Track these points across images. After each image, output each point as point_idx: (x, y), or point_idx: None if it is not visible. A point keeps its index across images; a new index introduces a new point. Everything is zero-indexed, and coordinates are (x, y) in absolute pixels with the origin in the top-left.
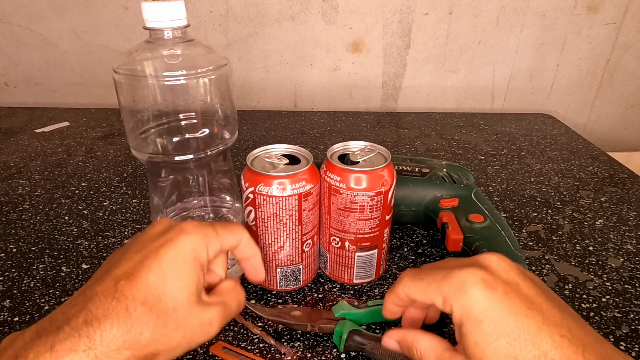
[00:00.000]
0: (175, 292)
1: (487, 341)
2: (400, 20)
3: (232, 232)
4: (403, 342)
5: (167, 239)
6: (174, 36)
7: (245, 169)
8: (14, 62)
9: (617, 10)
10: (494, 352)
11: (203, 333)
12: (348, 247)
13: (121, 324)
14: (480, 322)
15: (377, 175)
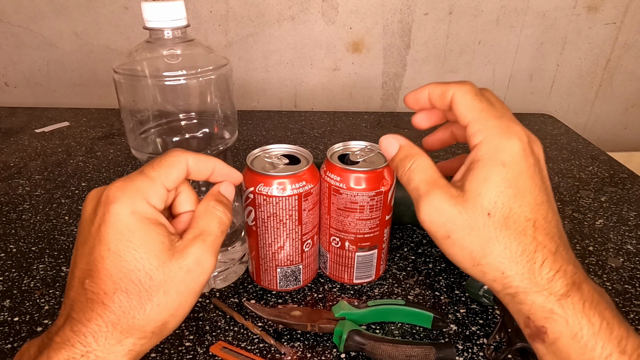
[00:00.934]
0: (142, 263)
1: (497, 183)
2: (400, 20)
3: (168, 161)
4: (405, 148)
5: (101, 218)
6: (174, 36)
7: (245, 169)
8: (14, 62)
9: (617, 10)
10: (497, 194)
11: (198, 275)
12: (348, 247)
13: (106, 320)
14: (502, 166)
15: (377, 175)
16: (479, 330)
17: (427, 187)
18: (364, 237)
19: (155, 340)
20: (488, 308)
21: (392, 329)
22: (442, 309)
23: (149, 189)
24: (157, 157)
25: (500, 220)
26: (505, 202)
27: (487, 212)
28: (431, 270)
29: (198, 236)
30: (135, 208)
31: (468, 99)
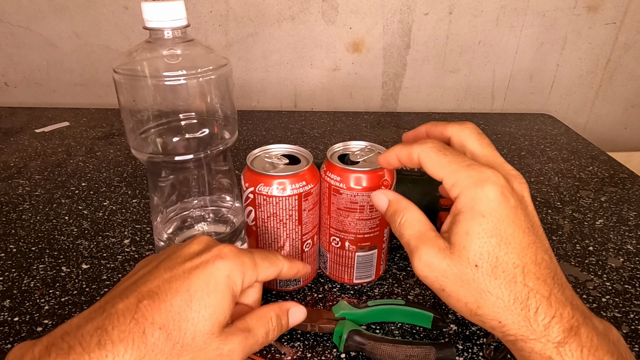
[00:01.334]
0: (199, 321)
1: (479, 234)
2: (400, 20)
3: (271, 264)
4: (394, 203)
5: (202, 262)
6: (174, 36)
7: (245, 169)
8: (14, 62)
9: (617, 10)
10: (480, 245)
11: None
12: (348, 247)
13: (135, 349)
14: (481, 217)
15: (377, 175)
16: (479, 330)
17: (416, 242)
18: (364, 237)
19: None
20: None
21: (392, 329)
22: (442, 309)
23: (250, 270)
24: (267, 252)
25: (488, 270)
26: (491, 251)
27: (474, 264)
28: None
29: (244, 332)
30: (232, 275)
31: (432, 157)
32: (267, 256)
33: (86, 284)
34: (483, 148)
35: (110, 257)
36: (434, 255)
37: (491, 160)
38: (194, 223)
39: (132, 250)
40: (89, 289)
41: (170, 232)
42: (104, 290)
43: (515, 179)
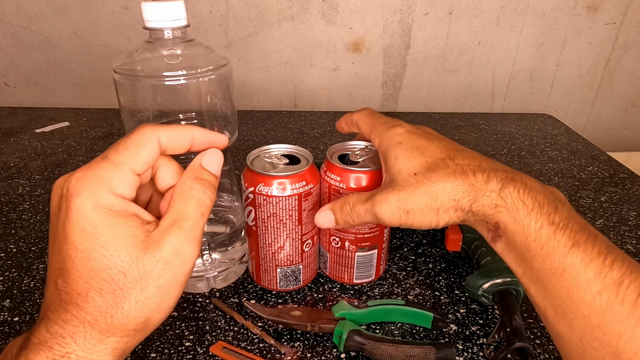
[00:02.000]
0: (112, 261)
1: (404, 153)
2: (400, 20)
3: (141, 142)
4: (335, 206)
5: (64, 214)
6: (174, 36)
7: (245, 169)
8: (14, 62)
9: (617, 10)
10: (409, 158)
11: (178, 266)
12: (348, 247)
13: (83, 320)
14: (398, 144)
15: (377, 175)
16: (479, 330)
17: (371, 203)
18: (364, 237)
19: (140, 337)
20: (488, 308)
21: (392, 329)
22: (442, 309)
23: (114, 176)
24: (123, 137)
25: (425, 171)
26: (419, 159)
27: (413, 173)
28: (431, 270)
29: (174, 223)
30: (98, 201)
31: (365, 120)
32: (125, 140)
33: None
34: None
35: None
36: (386, 194)
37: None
38: None
39: None
40: None
41: None
42: None
43: (422, 126)
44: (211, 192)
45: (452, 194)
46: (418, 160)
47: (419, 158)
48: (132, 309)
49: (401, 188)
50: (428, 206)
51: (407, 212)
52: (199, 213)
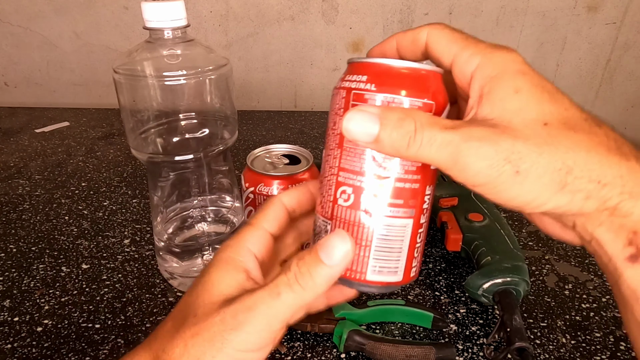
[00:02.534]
0: (196, 296)
1: (530, 89)
2: (400, 20)
3: (267, 204)
4: (387, 113)
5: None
6: (174, 36)
7: (245, 169)
8: (14, 62)
9: (617, 10)
10: (537, 101)
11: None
12: (366, 203)
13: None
14: (523, 74)
15: (427, 77)
16: (479, 330)
17: (460, 135)
18: (397, 188)
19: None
20: (488, 308)
21: (392, 329)
22: (442, 309)
23: (249, 235)
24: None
25: (560, 126)
26: (552, 106)
27: (543, 122)
28: (431, 270)
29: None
30: (228, 253)
31: (447, 33)
32: (259, 207)
33: (86, 284)
34: (468, 44)
35: (110, 257)
36: (491, 141)
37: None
38: (194, 223)
39: (132, 250)
40: (89, 289)
41: (170, 232)
42: (103, 290)
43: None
44: (311, 292)
45: (598, 174)
46: (550, 106)
47: (552, 104)
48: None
49: (519, 134)
50: (554, 175)
51: (517, 171)
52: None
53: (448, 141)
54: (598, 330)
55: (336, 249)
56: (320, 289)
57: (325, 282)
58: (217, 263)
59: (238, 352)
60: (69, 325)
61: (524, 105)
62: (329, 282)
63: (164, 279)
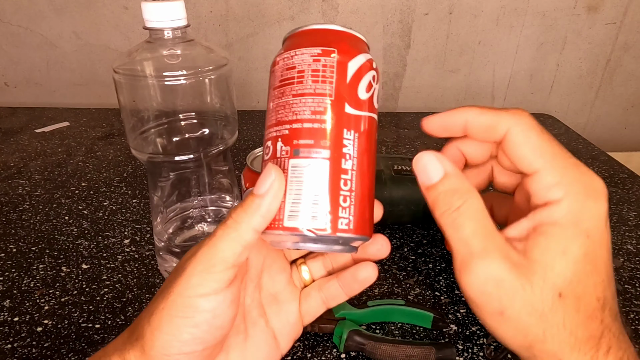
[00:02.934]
0: None
1: (577, 258)
2: (400, 20)
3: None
4: (453, 178)
5: None
6: (174, 36)
7: (245, 169)
8: (14, 62)
9: (617, 10)
10: (574, 272)
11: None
12: (280, 150)
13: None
14: (586, 237)
15: (329, 34)
16: (479, 330)
17: (483, 245)
18: (303, 129)
19: None
20: None
21: (392, 329)
22: (442, 309)
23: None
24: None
25: (571, 303)
26: (582, 280)
27: (559, 292)
28: (431, 270)
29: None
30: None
31: (533, 137)
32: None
33: (86, 284)
34: (556, 164)
35: (110, 257)
36: (506, 271)
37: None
38: (194, 223)
39: (132, 250)
40: (89, 289)
41: (170, 232)
42: (103, 290)
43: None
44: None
45: (564, 354)
46: (580, 278)
47: (584, 278)
48: None
49: (529, 285)
50: (528, 337)
51: (502, 313)
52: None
53: (468, 242)
54: None
55: (264, 180)
56: (254, 220)
57: (258, 213)
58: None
59: (185, 298)
60: (69, 325)
61: (559, 269)
62: (262, 213)
63: (164, 279)
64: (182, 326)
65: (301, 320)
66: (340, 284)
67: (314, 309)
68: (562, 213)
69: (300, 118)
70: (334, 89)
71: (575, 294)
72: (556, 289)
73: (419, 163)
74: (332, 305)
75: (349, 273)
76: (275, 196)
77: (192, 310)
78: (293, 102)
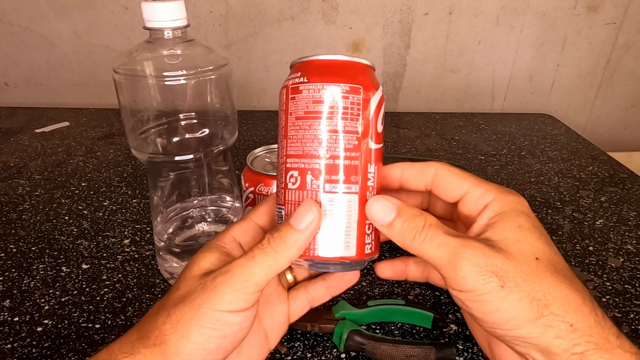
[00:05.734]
0: None
1: (530, 229)
2: (400, 20)
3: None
4: (405, 208)
5: None
6: (174, 36)
7: (245, 169)
8: (14, 62)
9: (617, 10)
10: (534, 239)
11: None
12: (311, 183)
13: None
14: (527, 216)
15: (354, 66)
16: None
17: (460, 240)
18: (334, 165)
19: None
20: None
21: (392, 329)
22: (442, 309)
23: (236, 226)
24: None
25: (548, 265)
26: (546, 246)
27: (535, 256)
28: None
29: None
30: (213, 241)
31: (456, 171)
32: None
33: (86, 284)
34: (479, 182)
35: (110, 257)
36: (489, 252)
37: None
38: (194, 223)
39: (132, 250)
40: (89, 289)
41: (170, 232)
42: (103, 290)
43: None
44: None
45: (572, 317)
46: (544, 246)
47: (546, 245)
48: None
49: (511, 258)
50: (532, 303)
51: (502, 286)
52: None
53: (446, 243)
54: None
55: (304, 215)
56: (292, 252)
57: (296, 246)
58: (201, 249)
59: (216, 312)
60: (69, 325)
61: (522, 239)
62: (299, 246)
63: (164, 279)
64: (210, 337)
65: (288, 319)
66: (326, 285)
67: (300, 308)
68: (500, 205)
69: (332, 155)
70: (362, 126)
71: (547, 258)
72: (531, 253)
73: (371, 210)
74: (316, 304)
75: (337, 275)
76: (313, 232)
77: (222, 324)
78: (323, 137)
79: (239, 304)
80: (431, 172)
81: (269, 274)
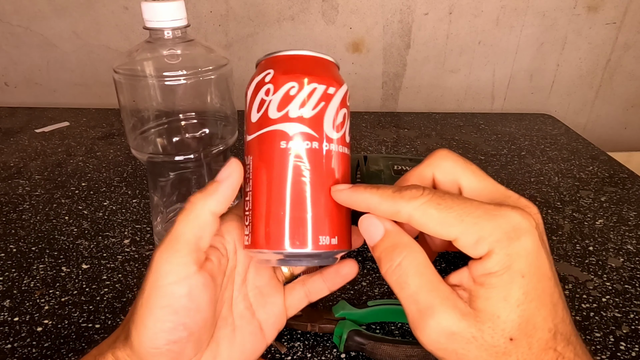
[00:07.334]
0: None
1: (519, 300)
2: (400, 20)
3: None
4: (391, 235)
5: None
6: (174, 36)
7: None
8: (14, 62)
9: (617, 10)
10: (520, 314)
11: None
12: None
13: None
14: (521, 278)
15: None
16: None
17: (430, 300)
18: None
19: None
20: None
21: (392, 329)
22: None
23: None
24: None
25: (523, 343)
26: (529, 319)
27: (509, 337)
28: None
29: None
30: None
31: (433, 215)
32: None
33: (86, 284)
34: (480, 180)
35: (110, 257)
36: (457, 322)
37: (500, 195)
38: None
39: (132, 250)
40: (89, 289)
41: None
42: (103, 290)
43: (532, 211)
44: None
45: None
46: (527, 317)
47: (530, 315)
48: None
49: (481, 335)
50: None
51: (458, 355)
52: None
53: (415, 300)
54: (598, 330)
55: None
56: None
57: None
58: None
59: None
60: (69, 325)
61: (504, 315)
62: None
63: None
64: (162, 316)
65: (285, 313)
66: (323, 279)
67: (298, 302)
68: (492, 263)
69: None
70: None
71: (525, 333)
72: (506, 334)
73: (362, 225)
74: (314, 299)
75: (333, 269)
76: (231, 183)
77: (168, 298)
78: None
79: (177, 271)
80: (404, 218)
81: (194, 229)
